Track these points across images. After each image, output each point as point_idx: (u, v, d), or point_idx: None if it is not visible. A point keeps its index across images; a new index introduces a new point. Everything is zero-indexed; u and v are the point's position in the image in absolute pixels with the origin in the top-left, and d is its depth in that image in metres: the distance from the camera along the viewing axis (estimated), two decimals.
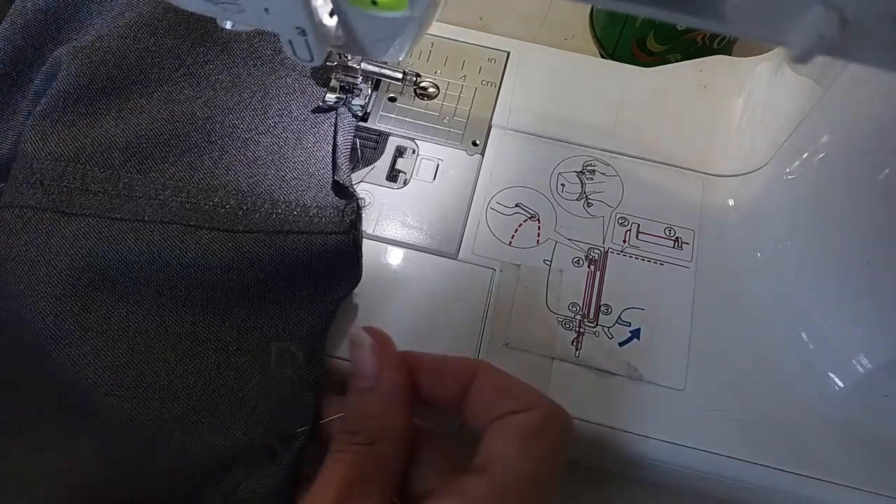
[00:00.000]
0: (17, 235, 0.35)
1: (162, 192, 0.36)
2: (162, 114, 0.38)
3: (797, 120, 0.37)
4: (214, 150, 0.38)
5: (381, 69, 0.41)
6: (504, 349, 0.35)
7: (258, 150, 0.38)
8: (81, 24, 0.41)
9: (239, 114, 0.39)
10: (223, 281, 0.35)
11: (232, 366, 0.34)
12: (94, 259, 0.34)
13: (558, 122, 0.42)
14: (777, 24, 0.19)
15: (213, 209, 0.36)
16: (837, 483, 0.33)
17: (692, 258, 0.38)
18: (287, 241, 0.36)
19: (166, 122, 0.38)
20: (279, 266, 0.35)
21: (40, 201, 0.35)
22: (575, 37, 0.56)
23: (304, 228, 0.36)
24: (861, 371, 0.34)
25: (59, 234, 0.35)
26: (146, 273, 0.34)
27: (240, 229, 0.36)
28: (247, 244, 0.35)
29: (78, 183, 0.36)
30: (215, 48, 0.41)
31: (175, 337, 0.34)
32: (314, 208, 0.37)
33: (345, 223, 0.36)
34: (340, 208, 0.37)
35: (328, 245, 0.36)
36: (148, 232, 0.35)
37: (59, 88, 0.37)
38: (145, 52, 0.39)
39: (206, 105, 0.39)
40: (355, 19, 0.27)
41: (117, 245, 0.34)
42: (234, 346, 0.34)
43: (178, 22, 0.40)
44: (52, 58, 0.38)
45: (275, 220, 0.36)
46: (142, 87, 0.39)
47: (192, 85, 0.39)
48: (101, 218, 0.35)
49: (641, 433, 0.34)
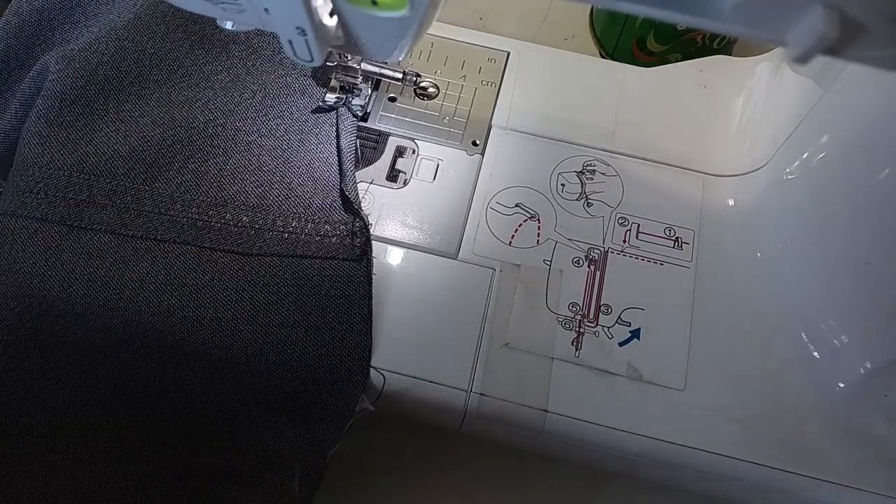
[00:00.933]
0: (22, 247, 0.34)
1: (171, 207, 0.36)
2: (163, 118, 0.38)
3: (797, 120, 0.37)
4: (218, 156, 0.38)
5: (381, 69, 0.41)
6: (504, 349, 0.35)
7: (262, 155, 0.38)
8: (75, 26, 0.41)
9: (240, 115, 0.39)
10: (234, 302, 0.35)
11: (246, 385, 0.34)
12: (110, 279, 0.34)
13: (558, 122, 0.42)
14: (777, 24, 0.19)
15: (225, 227, 0.36)
16: (837, 483, 0.33)
17: (692, 258, 0.38)
18: (300, 265, 0.36)
19: (167, 127, 0.38)
20: (290, 289, 0.35)
21: (46, 213, 0.35)
22: (575, 37, 0.56)
23: (315, 252, 0.36)
24: (861, 371, 0.34)
25: (72, 250, 0.35)
26: (159, 293, 0.34)
27: (254, 252, 0.36)
28: (260, 267, 0.35)
29: (84, 195, 0.36)
30: (214, 49, 0.40)
31: (185, 357, 0.34)
32: (325, 224, 0.37)
33: (356, 250, 0.36)
34: (349, 228, 0.37)
35: (340, 272, 0.36)
36: (164, 253, 0.35)
37: (56, 89, 0.37)
38: (143, 55, 0.39)
39: (206, 107, 0.39)
40: (355, 19, 0.27)
41: (135, 266, 0.35)
42: (245, 367, 0.34)
43: (177, 25, 0.40)
44: (40, 63, 0.38)
45: (287, 240, 0.36)
46: (140, 88, 0.39)
47: (191, 86, 0.39)
48: (114, 234, 0.35)
49: (641, 433, 0.34)
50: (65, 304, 0.34)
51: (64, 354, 0.33)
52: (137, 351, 0.34)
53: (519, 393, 0.34)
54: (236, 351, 0.34)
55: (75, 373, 0.33)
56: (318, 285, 0.35)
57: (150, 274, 0.35)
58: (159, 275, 0.35)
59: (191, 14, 0.40)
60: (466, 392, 0.34)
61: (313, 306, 0.35)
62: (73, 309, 0.34)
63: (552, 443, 0.35)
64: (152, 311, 0.34)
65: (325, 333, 0.35)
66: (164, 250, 0.35)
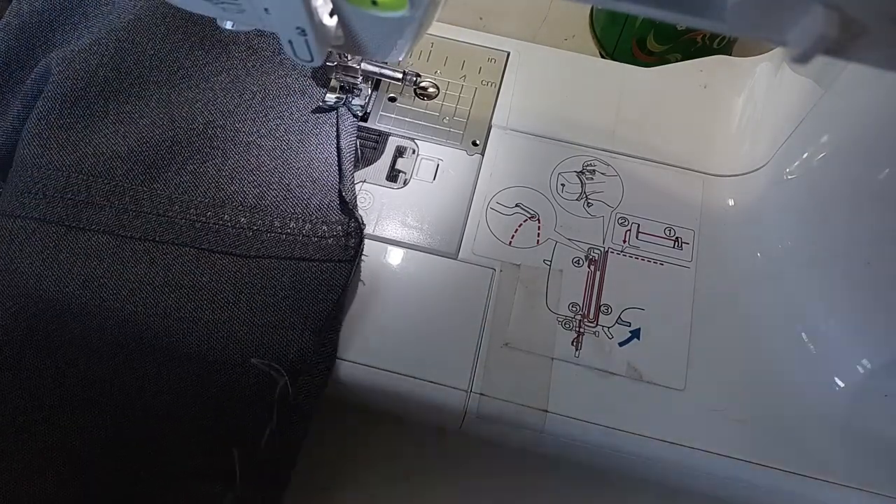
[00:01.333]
0: (19, 247, 0.34)
1: (170, 209, 0.36)
2: (162, 119, 0.38)
3: (797, 120, 0.37)
4: (217, 157, 0.38)
5: (381, 69, 0.41)
6: (504, 349, 0.35)
7: (261, 156, 0.38)
8: (76, 27, 0.41)
9: (240, 116, 0.39)
10: (231, 304, 0.35)
11: (244, 385, 0.34)
12: (107, 280, 0.34)
13: (558, 122, 0.42)
14: (777, 24, 0.19)
15: (223, 228, 0.36)
16: (838, 483, 0.33)
17: (692, 258, 0.38)
18: (298, 267, 0.36)
19: (167, 128, 0.38)
20: (288, 292, 0.35)
21: (44, 213, 0.35)
22: (575, 37, 0.56)
23: (313, 255, 0.36)
24: (861, 371, 0.34)
25: (69, 250, 0.35)
26: (156, 295, 0.34)
27: (252, 254, 0.36)
28: (258, 269, 0.35)
29: (83, 195, 0.36)
30: (214, 50, 0.40)
31: (183, 359, 0.34)
32: (322, 224, 0.37)
33: (349, 251, 0.36)
34: (345, 228, 0.37)
35: (337, 274, 0.36)
36: (162, 255, 0.35)
37: (56, 91, 0.37)
38: (143, 56, 0.39)
39: (206, 108, 0.39)
40: (355, 19, 0.27)
41: (133, 268, 0.35)
42: (241, 368, 0.34)
43: (177, 26, 0.40)
44: (42, 65, 0.38)
45: (285, 242, 0.36)
46: (140, 89, 0.39)
47: (191, 87, 0.39)
48: (112, 235, 0.35)
49: (641, 433, 0.34)
50: (61, 304, 0.34)
51: (60, 354, 0.34)
52: (133, 352, 0.34)
53: (519, 393, 0.34)
54: (231, 352, 0.34)
55: (72, 372, 0.33)
56: (316, 288, 0.35)
57: (148, 275, 0.35)
58: (157, 276, 0.35)
59: (191, 15, 0.41)
60: (466, 392, 0.34)
61: (310, 309, 0.35)
62: (70, 309, 0.34)
63: (552, 443, 0.35)
64: (148, 312, 0.34)
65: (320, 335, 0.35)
66: (162, 252, 0.35)
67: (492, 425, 0.35)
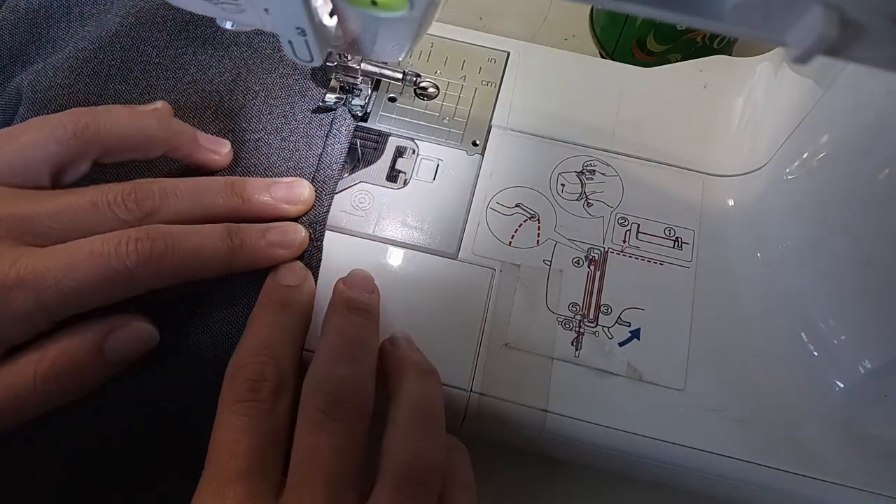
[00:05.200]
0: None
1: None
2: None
3: (797, 120, 0.37)
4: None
5: (381, 69, 0.41)
6: (504, 349, 0.35)
7: (271, 154, 0.38)
8: (71, 25, 0.41)
9: (245, 115, 0.39)
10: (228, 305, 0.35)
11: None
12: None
13: (558, 122, 0.42)
14: (777, 24, 0.19)
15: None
16: (837, 483, 0.33)
17: (692, 258, 0.38)
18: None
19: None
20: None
21: None
22: (575, 37, 0.56)
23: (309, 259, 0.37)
24: (861, 371, 0.34)
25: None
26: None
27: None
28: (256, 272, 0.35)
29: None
30: (217, 53, 0.41)
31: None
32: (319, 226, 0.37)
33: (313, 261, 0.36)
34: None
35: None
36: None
37: (69, 105, 0.37)
38: (150, 65, 0.40)
39: (215, 115, 0.39)
40: (355, 19, 0.27)
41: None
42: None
43: (179, 30, 0.41)
44: (13, 85, 0.38)
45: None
46: (150, 97, 0.39)
47: (198, 92, 0.40)
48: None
49: (641, 433, 0.34)
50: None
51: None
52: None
53: (519, 393, 0.35)
54: (224, 353, 0.34)
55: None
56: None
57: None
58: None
59: (191, 17, 0.41)
60: (466, 392, 0.34)
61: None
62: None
63: (552, 443, 0.35)
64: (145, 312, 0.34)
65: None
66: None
67: (492, 425, 0.35)
